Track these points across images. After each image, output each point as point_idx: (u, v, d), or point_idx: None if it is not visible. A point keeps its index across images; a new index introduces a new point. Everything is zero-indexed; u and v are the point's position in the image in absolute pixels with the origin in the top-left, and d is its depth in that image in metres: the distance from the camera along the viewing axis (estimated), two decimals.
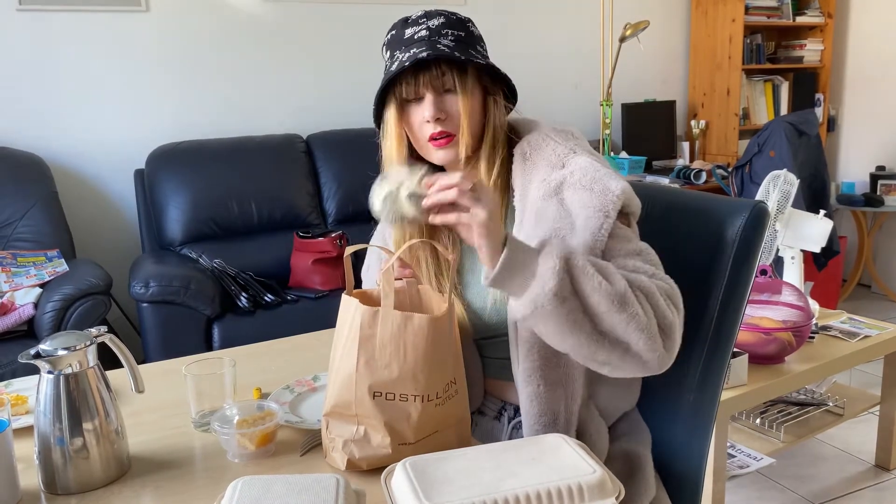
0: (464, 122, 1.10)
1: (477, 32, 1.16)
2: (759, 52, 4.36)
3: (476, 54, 1.12)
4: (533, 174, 1.12)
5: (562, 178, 1.09)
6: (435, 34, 1.10)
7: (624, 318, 0.93)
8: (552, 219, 1.07)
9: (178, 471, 1.03)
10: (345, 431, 0.98)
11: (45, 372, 0.98)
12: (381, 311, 0.95)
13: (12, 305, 2.42)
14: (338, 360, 0.99)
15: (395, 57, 1.12)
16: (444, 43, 1.09)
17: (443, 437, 1.01)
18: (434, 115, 1.10)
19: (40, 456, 0.98)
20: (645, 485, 1.15)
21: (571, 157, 1.11)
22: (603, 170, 1.09)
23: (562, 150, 1.13)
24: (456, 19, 1.13)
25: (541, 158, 1.13)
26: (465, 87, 1.10)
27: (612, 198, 1.05)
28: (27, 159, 2.90)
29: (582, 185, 1.07)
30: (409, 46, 1.10)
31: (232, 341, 2.49)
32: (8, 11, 2.92)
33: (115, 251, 3.15)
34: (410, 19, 1.14)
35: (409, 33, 1.12)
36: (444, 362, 0.98)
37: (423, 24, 1.11)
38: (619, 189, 1.06)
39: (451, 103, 1.11)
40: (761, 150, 3.42)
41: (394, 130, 1.14)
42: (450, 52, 1.07)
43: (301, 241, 2.94)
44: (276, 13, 3.40)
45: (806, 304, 2.21)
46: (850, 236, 4.34)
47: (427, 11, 1.14)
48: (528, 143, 1.16)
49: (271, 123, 3.42)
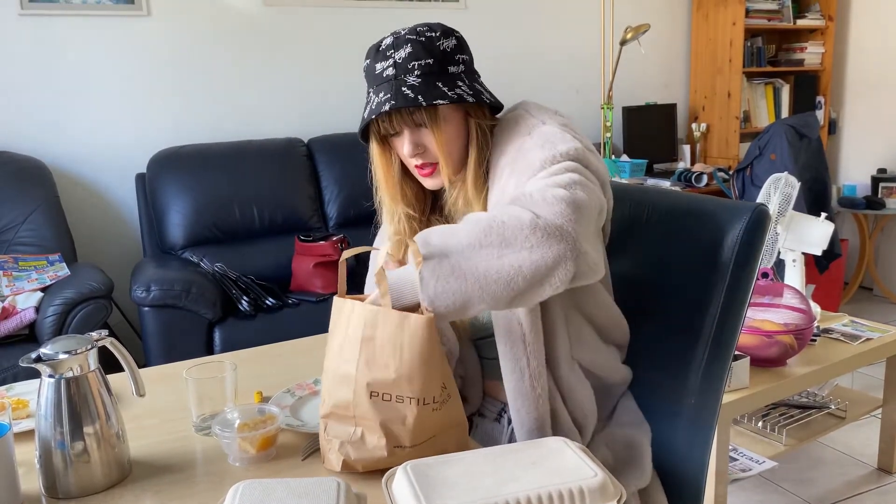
0: (441, 154, 1.13)
1: (449, 47, 1.12)
2: (760, 54, 4.36)
3: (444, 84, 1.10)
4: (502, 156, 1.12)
5: (520, 143, 1.10)
6: (402, 71, 1.10)
7: (492, 237, 0.92)
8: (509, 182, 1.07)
9: (178, 475, 1.02)
10: (342, 433, 0.99)
11: (46, 376, 0.98)
12: (381, 310, 0.95)
13: (14, 309, 2.43)
14: (335, 362, 0.99)
15: (369, 93, 1.15)
16: (409, 82, 1.09)
17: (440, 442, 1.01)
18: (412, 151, 1.13)
19: (41, 460, 0.98)
20: (640, 470, 1.16)
21: (538, 125, 1.11)
22: (561, 134, 1.07)
23: (533, 121, 1.13)
24: (425, 42, 1.11)
25: (509, 137, 1.13)
26: (436, 122, 1.12)
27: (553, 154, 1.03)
28: (29, 163, 2.91)
29: (533, 144, 1.07)
30: (379, 87, 1.12)
31: (233, 345, 2.49)
32: (10, 16, 2.93)
33: (116, 255, 3.15)
34: (381, 49, 1.13)
35: (378, 69, 1.13)
36: (437, 364, 0.98)
37: (391, 59, 1.11)
38: (566, 148, 1.04)
39: (427, 137, 1.13)
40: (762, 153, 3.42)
41: (378, 161, 1.19)
42: (413, 98, 1.08)
43: (302, 244, 2.94)
44: (277, 17, 3.40)
45: (807, 307, 2.21)
46: (851, 239, 4.34)
47: (396, 39, 1.12)
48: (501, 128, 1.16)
49: (272, 127, 3.43)
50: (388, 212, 1.22)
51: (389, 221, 1.22)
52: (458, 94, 1.11)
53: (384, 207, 1.23)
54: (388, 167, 1.19)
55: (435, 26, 1.14)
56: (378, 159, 1.18)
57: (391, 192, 1.20)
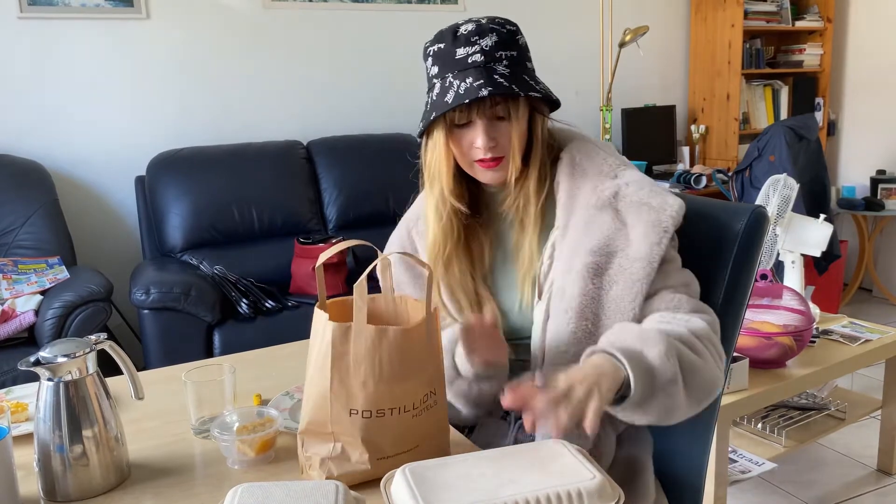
0: (515, 149, 1.11)
1: (524, 41, 1.14)
2: (759, 56, 4.37)
3: (529, 78, 1.10)
4: (582, 181, 1.13)
5: (615, 188, 1.11)
6: (490, 59, 1.08)
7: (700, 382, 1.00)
8: (606, 229, 1.08)
9: (177, 478, 1.02)
10: (321, 449, 0.96)
11: (44, 379, 0.98)
12: (354, 326, 0.93)
13: (13, 312, 2.42)
14: (311, 377, 0.97)
15: (446, 79, 1.09)
16: (499, 71, 1.07)
17: (422, 451, 0.99)
18: (486, 144, 1.09)
19: (40, 463, 0.98)
20: (645, 489, 1.15)
21: (623, 170, 1.14)
22: (657, 185, 1.11)
23: (613, 161, 1.16)
24: (507, 34, 1.10)
25: (591, 166, 1.14)
26: (517, 115, 1.10)
27: (671, 212, 1.07)
28: (28, 166, 2.91)
29: (639, 198, 1.09)
30: (465, 72, 1.08)
31: (233, 348, 2.49)
32: (9, 19, 2.93)
33: (115, 258, 3.15)
34: (461, 34, 1.10)
35: (461, 54, 1.09)
36: (421, 372, 0.96)
37: (477, 45, 1.08)
38: (678, 205, 1.08)
39: (502, 130, 1.11)
40: (761, 155, 3.42)
41: (443, 152, 1.14)
42: (508, 87, 1.06)
43: (302, 247, 2.94)
44: (277, 20, 3.40)
45: (807, 309, 2.21)
46: (850, 240, 4.34)
47: (479, 26, 1.09)
48: (577, 149, 1.17)
49: (271, 130, 3.43)
50: (435, 207, 1.18)
51: (437, 219, 1.18)
52: (543, 89, 1.11)
53: (431, 202, 1.19)
54: (450, 158, 1.15)
55: (509, 21, 1.13)
56: (443, 149, 1.13)
57: (450, 184, 1.16)
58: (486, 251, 1.21)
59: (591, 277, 1.07)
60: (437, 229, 1.18)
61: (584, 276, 1.07)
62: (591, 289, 1.07)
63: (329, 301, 1.04)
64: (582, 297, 1.07)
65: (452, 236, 1.18)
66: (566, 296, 1.09)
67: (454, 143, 1.14)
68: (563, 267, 1.10)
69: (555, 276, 1.12)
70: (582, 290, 1.07)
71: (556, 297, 1.10)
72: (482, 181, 1.17)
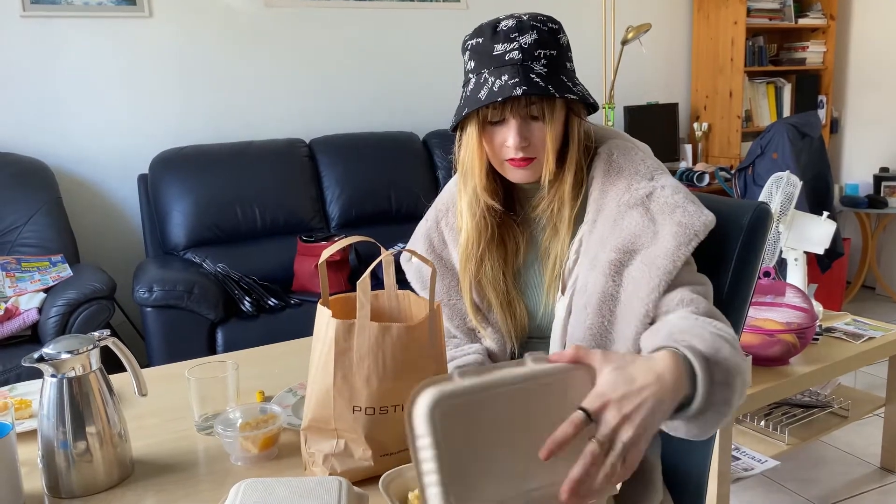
0: (549, 150, 1.09)
1: (565, 40, 1.11)
2: (762, 54, 4.36)
3: (567, 79, 1.08)
4: (617, 178, 1.12)
5: (650, 189, 1.09)
6: (528, 57, 1.05)
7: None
8: (634, 226, 1.07)
9: (181, 474, 1.03)
10: (324, 446, 0.96)
11: (48, 375, 0.98)
12: (357, 323, 0.93)
13: (16, 310, 2.43)
14: (314, 373, 0.97)
15: (481, 74, 1.07)
16: (536, 70, 1.05)
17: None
18: (518, 144, 1.07)
19: (44, 460, 0.98)
20: (653, 489, 1.15)
21: (660, 175, 1.12)
22: (692, 195, 1.10)
23: (651, 163, 1.14)
24: (548, 33, 1.07)
25: (628, 165, 1.13)
26: (553, 116, 1.08)
27: (704, 220, 1.05)
28: (31, 165, 2.91)
29: (675, 201, 1.08)
30: (501, 69, 1.05)
31: (235, 345, 2.49)
32: (12, 17, 2.94)
33: (118, 256, 3.16)
34: (500, 30, 1.07)
35: (499, 50, 1.06)
36: (424, 369, 0.96)
37: (515, 42, 1.05)
38: (711, 218, 1.06)
39: (537, 131, 1.08)
40: (764, 153, 3.41)
41: (476, 148, 1.11)
42: (543, 87, 1.03)
43: (304, 245, 2.95)
44: (279, 18, 3.41)
45: (810, 306, 2.20)
46: (853, 238, 4.33)
47: (519, 22, 1.07)
48: (615, 147, 1.16)
49: (274, 128, 3.43)
50: (469, 204, 1.16)
51: (471, 215, 1.15)
52: (581, 91, 1.09)
53: (465, 198, 1.16)
54: (483, 155, 1.12)
55: (551, 18, 1.11)
56: (476, 146, 1.11)
57: (483, 181, 1.13)
58: (520, 249, 1.19)
59: (611, 274, 1.06)
60: (472, 226, 1.16)
61: (606, 272, 1.06)
62: (610, 285, 1.06)
63: (332, 298, 1.04)
64: (601, 293, 1.06)
65: (486, 233, 1.16)
66: (587, 291, 1.08)
67: (486, 140, 1.11)
68: (588, 262, 1.09)
69: (579, 272, 1.11)
70: (602, 285, 1.06)
71: (578, 292, 1.10)
72: (512, 180, 1.14)
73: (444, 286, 1.21)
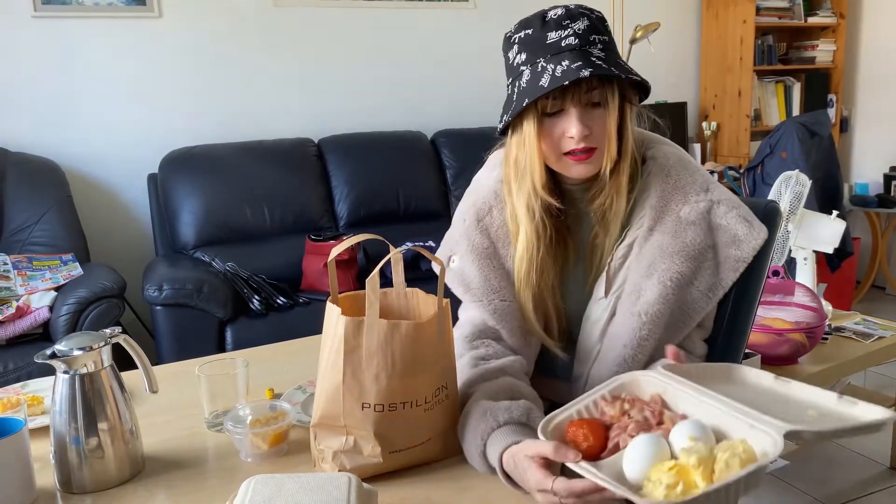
0: (611, 137, 1.06)
1: (611, 30, 1.09)
2: (771, 53, 4.34)
3: (623, 63, 1.05)
4: (675, 186, 1.11)
5: (709, 204, 1.10)
6: (585, 42, 1.02)
7: None
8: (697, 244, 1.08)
9: (191, 470, 1.03)
10: (334, 442, 0.97)
11: (60, 372, 0.99)
12: (366, 320, 0.93)
13: (28, 309, 2.45)
14: (324, 370, 0.97)
15: (537, 64, 1.03)
16: (595, 54, 1.02)
17: (432, 447, 1.00)
18: (581, 132, 1.03)
19: (56, 455, 0.99)
20: None
21: (714, 185, 1.13)
22: (744, 207, 1.11)
23: (705, 174, 1.15)
24: (597, 19, 1.06)
25: (685, 173, 1.12)
26: (613, 101, 1.05)
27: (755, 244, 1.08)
28: (42, 165, 2.93)
29: (739, 215, 1.09)
30: (559, 56, 1.02)
31: (244, 344, 2.50)
32: (23, 18, 2.95)
33: (128, 255, 3.18)
34: (551, 19, 1.04)
35: (553, 38, 1.03)
36: (433, 367, 0.97)
37: (570, 29, 1.03)
38: (763, 236, 1.09)
39: (598, 118, 1.05)
40: (773, 152, 3.40)
41: (535, 144, 1.07)
42: (607, 69, 1.00)
43: (313, 244, 2.95)
44: (288, 17, 3.42)
45: (819, 305, 2.19)
46: (863, 237, 4.31)
47: (569, 11, 1.04)
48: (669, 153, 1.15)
49: (283, 127, 3.44)
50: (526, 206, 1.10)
51: (529, 218, 1.10)
52: (642, 79, 1.06)
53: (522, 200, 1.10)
54: (541, 154, 1.08)
55: (594, 9, 1.08)
56: (535, 141, 1.06)
57: (542, 178, 1.09)
58: (570, 254, 1.15)
59: (673, 287, 1.06)
60: (530, 229, 1.10)
61: (667, 284, 1.05)
62: (671, 299, 1.06)
63: (341, 295, 1.05)
64: (661, 305, 1.05)
65: (545, 236, 1.11)
66: (641, 300, 1.06)
67: (542, 135, 1.07)
68: (643, 269, 1.08)
69: (628, 275, 1.09)
70: (662, 296, 1.05)
71: (627, 297, 1.08)
72: (571, 175, 1.10)
73: (492, 287, 1.13)
